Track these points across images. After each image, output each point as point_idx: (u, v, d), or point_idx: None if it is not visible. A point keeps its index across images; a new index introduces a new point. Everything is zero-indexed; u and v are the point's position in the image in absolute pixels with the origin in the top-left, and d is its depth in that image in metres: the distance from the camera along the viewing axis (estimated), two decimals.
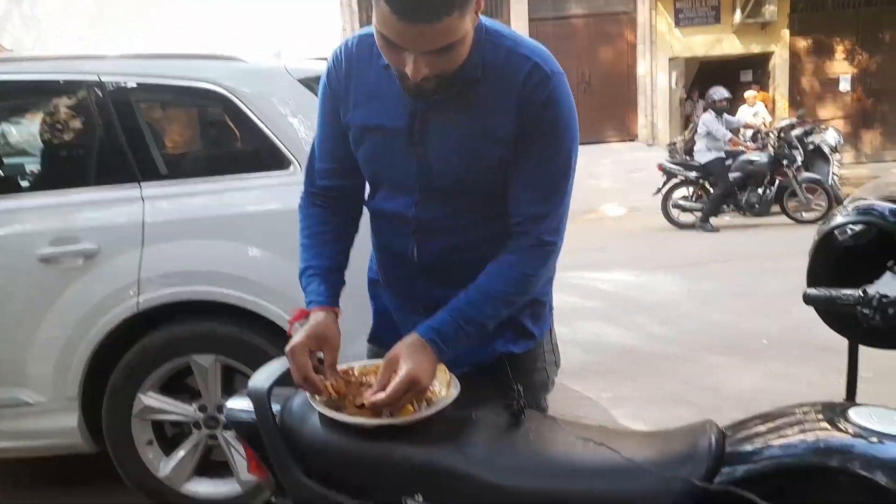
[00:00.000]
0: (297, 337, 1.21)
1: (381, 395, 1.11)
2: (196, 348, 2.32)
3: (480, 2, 1.12)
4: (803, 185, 7.87)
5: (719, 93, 8.45)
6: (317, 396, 1.18)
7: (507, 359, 1.37)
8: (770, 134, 8.34)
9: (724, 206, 8.28)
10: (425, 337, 1.19)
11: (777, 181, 8.00)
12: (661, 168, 8.50)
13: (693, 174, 8.34)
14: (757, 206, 8.12)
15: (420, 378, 1.13)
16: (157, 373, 2.34)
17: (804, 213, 7.92)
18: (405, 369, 1.13)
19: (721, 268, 6.16)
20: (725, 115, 8.51)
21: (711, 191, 8.27)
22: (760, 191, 8.10)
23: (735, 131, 8.95)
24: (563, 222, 1.29)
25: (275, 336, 2.29)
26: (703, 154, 8.27)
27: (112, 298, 2.28)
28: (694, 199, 8.45)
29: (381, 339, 1.49)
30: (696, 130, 9.13)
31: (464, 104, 1.22)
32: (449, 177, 1.25)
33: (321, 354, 1.23)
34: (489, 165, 1.24)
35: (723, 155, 8.25)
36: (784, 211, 8.02)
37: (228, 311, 2.31)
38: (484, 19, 1.21)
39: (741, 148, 8.56)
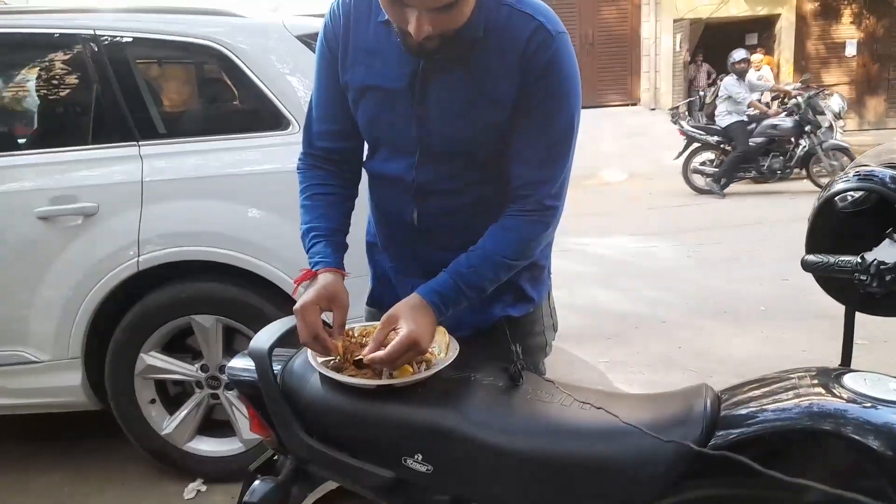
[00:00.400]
0: (307, 296, 1.20)
1: (381, 354, 1.12)
2: (196, 309, 2.34)
3: None
4: (828, 152, 7.73)
5: (739, 54, 8.26)
6: (318, 357, 1.19)
7: (505, 322, 1.38)
8: (797, 97, 8.14)
9: (743, 173, 8.13)
10: (427, 298, 1.19)
11: (801, 146, 7.85)
12: (682, 132, 8.35)
13: (714, 138, 8.18)
14: (779, 172, 8.02)
15: (420, 339, 1.13)
16: (159, 332, 2.36)
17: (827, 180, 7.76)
18: (406, 329, 1.13)
19: (725, 234, 6.17)
20: (750, 78, 8.28)
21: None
22: (783, 156, 7.97)
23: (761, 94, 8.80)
24: (564, 187, 1.28)
25: (274, 296, 2.30)
26: (724, 118, 8.11)
27: (112, 258, 2.28)
28: (716, 165, 8.31)
29: (380, 302, 1.50)
30: (717, 94, 8.95)
31: (464, 65, 1.19)
32: (448, 139, 1.24)
33: (327, 316, 1.23)
34: (487, 128, 1.22)
35: (745, 119, 8.08)
36: (809, 176, 7.93)
37: (228, 272, 2.31)
38: None
39: (763, 111, 8.36)
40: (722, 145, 8.19)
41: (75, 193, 2.29)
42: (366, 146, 1.40)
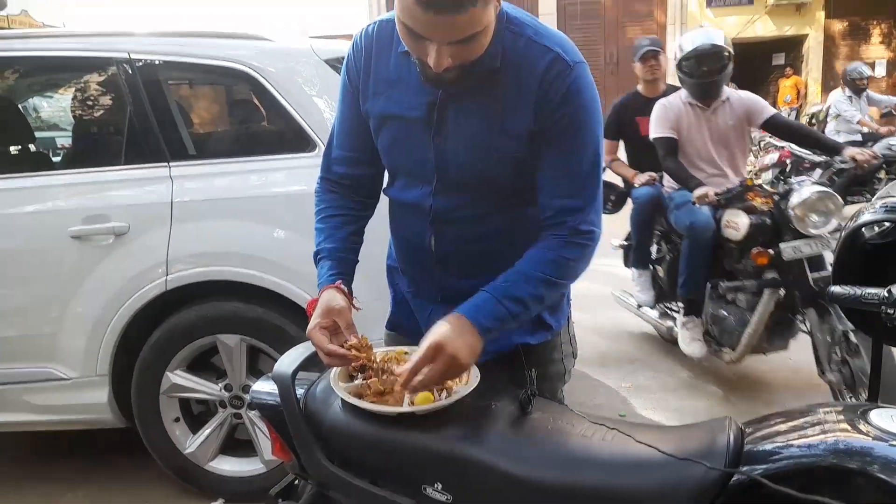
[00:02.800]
0: (312, 320, 1.25)
1: (419, 378, 1.12)
2: (222, 328, 2.37)
3: None
4: None
5: (859, 69, 7.60)
6: (341, 383, 1.20)
7: (523, 349, 1.38)
8: None
9: (856, 196, 7.17)
10: (467, 315, 1.18)
11: None
12: (789, 151, 7.50)
13: (823, 157, 7.07)
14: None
15: (444, 345, 1.12)
16: (185, 351, 2.40)
17: None
18: (428, 342, 1.13)
19: None
20: (869, 94, 7.71)
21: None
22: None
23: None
24: (599, 212, 1.28)
25: (299, 317, 2.32)
26: (833, 137, 7.24)
27: (141, 277, 2.33)
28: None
29: (399, 325, 1.52)
30: (828, 111, 8.26)
31: (481, 96, 1.21)
32: (465, 168, 1.26)
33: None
34: (503, 159, 1.24)
35: (858, 138, 7.39)
36: None
37: (254, 292, 2.34)
38: (506, 6, 1.20)
39: (875, 130, 7.55)
40: (832, 166, 7.61)
41: (107, 213, 2.34)
42: (386, 173, 1.43)
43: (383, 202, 1.46)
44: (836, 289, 1.24)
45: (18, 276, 2.39)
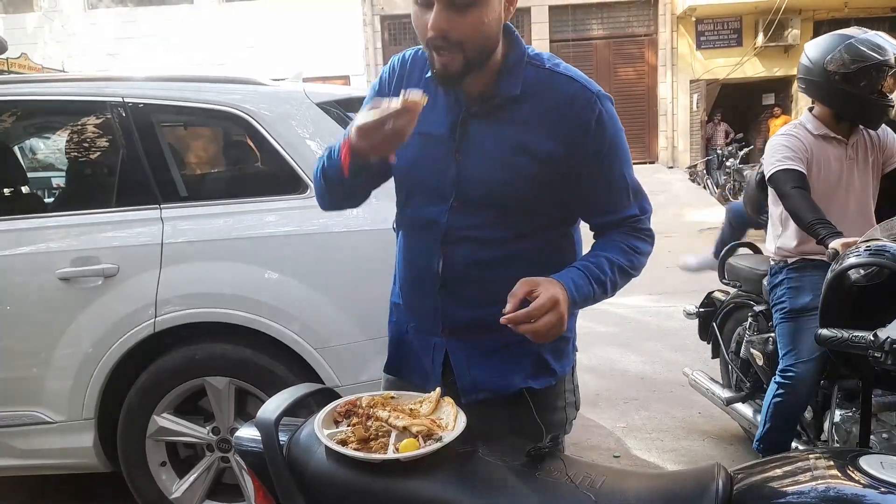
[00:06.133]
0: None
1: (521, 312, 1.13)
2: (210, 370, 2.34)
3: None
4: None
5: None
6: (324, 430, 1.18)
7: (527, 394, 1.36)
8: None
9: None
10: (560, 280, 1.21)
11: None
12: None
13: None
14: None
15: (561, 301, 1.16)
16: (173, 394, 2.37)
17: None
18: (547, 292, 1.15)
19: None
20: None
21: None
22: None
23: None
24: (650, 219, 1.38)
25: (287, 359, 2.30)
26: None
27: (130, 319, 2.31)
28: None
29: (400, 369, 1.50)
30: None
31: (503, 118, 1.28)
32: (485, 184, 1.29)
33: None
34: (523, 178, 1.28)
35: None
36: None
37: (243, 333, 2.33)
38: (527, 47, 1.31)
39: None
40: None
41: (97, 255, 2.34)
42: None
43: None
44: (823, 332, 1.24)
45: (5, 318, 2.37)
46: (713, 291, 3.33)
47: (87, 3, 14.06)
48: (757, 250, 3.26)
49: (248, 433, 1.26)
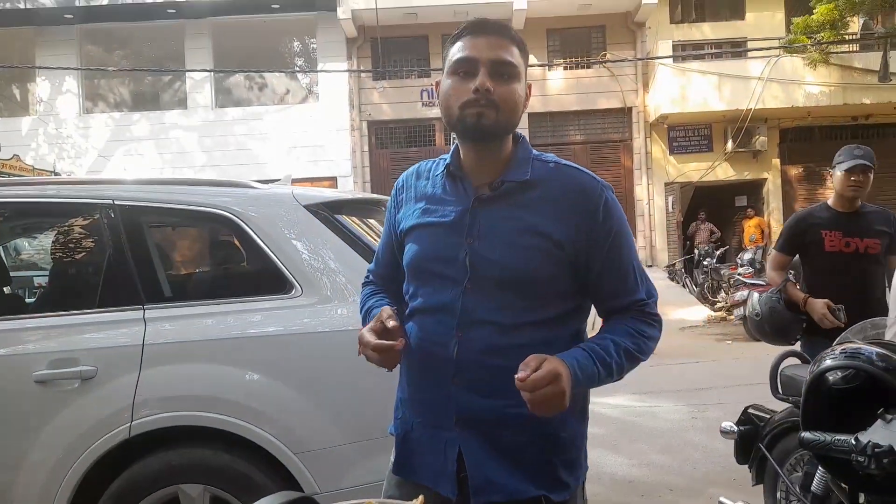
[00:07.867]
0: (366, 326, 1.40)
1: (521, 374, 1.19)
2: (185, 477, 2.26)
3: (529, 89, 1.40)
4: None
5: None
6: None
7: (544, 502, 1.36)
8: None
9: None
10: (565, 360, 1.25)
11: None
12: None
13: None
14: None
15: (563, 376, 1.20)
16: (146, 502, 2.27)
17: None
18: (550, 364, 1.20)
19: (724, 394, 6.05)
20: None
21: None
22: None
23: None
24: (657, 304, 1.42)
25: (266, 465, 2.24)
26: None
27: (105, 423, 2.25)
28: None
29: (406, 467, 1.46)
30: None
31: (514, 203, 1.36)
32: (498, 264, 1.33)
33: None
34: (536, 256, 1.32)
35: None
36: None
37: (219, 437, 2.27)
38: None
39: None
40: None
41: (76, 356, 2.30)
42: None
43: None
44: (806, 435, 1.25)
45: None
46: (749, 407, 2.93)
47: (82, 108, 14.46)
48: (806, 361, 2.79)
49: None
